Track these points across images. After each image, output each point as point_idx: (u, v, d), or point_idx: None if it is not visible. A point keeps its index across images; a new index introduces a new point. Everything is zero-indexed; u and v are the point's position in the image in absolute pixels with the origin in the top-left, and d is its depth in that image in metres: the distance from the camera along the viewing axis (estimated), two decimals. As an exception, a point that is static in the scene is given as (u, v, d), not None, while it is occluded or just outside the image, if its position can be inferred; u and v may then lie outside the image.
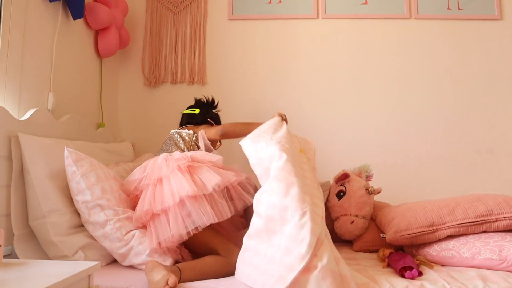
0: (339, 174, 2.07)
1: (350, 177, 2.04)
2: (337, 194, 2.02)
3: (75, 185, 1.61)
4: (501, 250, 1.50)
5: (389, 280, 1.38)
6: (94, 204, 1.60)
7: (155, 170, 1.69)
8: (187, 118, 2.17)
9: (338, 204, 2.00)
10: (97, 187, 1.63)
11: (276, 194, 1.40)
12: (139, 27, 2.78)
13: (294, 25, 2.73)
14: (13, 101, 1.74)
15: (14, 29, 1.73)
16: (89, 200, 1.60)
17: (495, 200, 1.69)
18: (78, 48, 2.26)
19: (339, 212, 1.99)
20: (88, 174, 1.63)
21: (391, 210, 1.88)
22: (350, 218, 1.95)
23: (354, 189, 1.99)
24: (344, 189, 2.01)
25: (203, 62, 2.73)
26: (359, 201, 1.97)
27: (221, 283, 1.39)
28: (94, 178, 1.64)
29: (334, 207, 2.03)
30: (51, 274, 1.11)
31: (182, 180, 1.59)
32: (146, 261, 1.55)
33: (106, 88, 2.57)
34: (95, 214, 1.60)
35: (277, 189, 1.41)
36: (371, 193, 2.00)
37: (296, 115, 2.69)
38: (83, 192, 1.60)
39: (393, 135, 2.64)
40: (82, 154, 1.68)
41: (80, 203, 1.61)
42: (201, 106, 2.21)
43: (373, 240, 1.95)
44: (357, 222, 1.94)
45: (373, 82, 2.68)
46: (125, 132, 2.74)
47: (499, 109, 2.62)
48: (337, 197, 2.02)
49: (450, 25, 2.67)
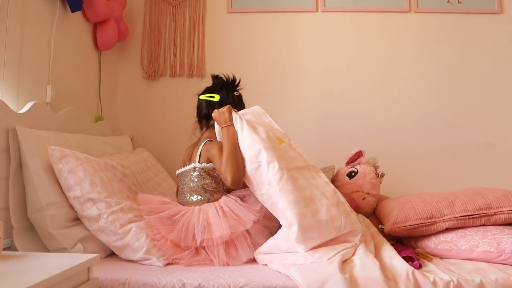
0: (352, 153, 2.09)
1: (362, 156, 2.06)
2: (348, 175, 2.03)
3: (64, 182, 1.60)
4: (499, 243, 1.50)
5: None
6: (85, 199, 1.59)
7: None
8: (206, 108, 1.90)
9: (349, 182, 2.01)
10: (86, 181, 1.60)
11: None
12: (138, 20, 2.77)
13: (294, 18, 2.72)
14: (11, 94, 1.73)
15: (12, 22, 1.72)
16: (79, 195, 1.58)
17: (494, 194, 1.69)
18: (76, 41, 2.25)
19: (350, 189, 1.99)
20: (75, 169, 1.60)
21: (390, 201, 1.88)
22: (362, 194, 1.96)
23: (366, 171, 2.01)
24: (356, 170, 2.02)
25: (202, 55, 2.72)
26: (371, 181, 1.99)
27: (221, 275, 1.40)
28: (81, 173, 1.61)
29: (345, 185, 2.02)
30: (51, 266, 1.11)
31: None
32: (144, 258, 1.54)
33: (105, 81, 2.57)
34: (88, 208, 1.59)
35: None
36: (381, 176, 2.04)
37: (295, 108, 2.69)
38: (73, 188, 1.59)
39: (392, 128, 2.65)
40: (66, 150, 1.64)
41: (72, 199, 1.60)
42: (220, 89, 1.90)
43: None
44: (368, 199, 1.96)
45: (373, 76, 2.67)
46: (124, 125, 2.74)
47: (499, 103, 2.62)
48: (348, 176, 2.03)
49: (450, 19, 2.67)
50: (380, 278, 1.30)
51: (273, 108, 2.69)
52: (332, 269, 1.32)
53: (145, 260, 1.55)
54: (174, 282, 1.35)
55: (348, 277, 1.29)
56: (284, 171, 1.56)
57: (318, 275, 1.31)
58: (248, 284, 1.34)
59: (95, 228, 1.60)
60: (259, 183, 1.60)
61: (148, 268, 1.49)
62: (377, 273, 1.32)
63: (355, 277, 1.31)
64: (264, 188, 1.58)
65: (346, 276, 1.29)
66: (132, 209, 1.66)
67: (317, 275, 1.31)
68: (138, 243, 1.56)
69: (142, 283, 1.36)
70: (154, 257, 1.54)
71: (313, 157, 2.61)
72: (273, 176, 1.54)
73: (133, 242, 1.56)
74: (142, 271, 1.45)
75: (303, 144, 2.65)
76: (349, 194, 1.96)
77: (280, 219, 1.54)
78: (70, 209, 1.62)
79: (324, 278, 1.29)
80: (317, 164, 2.38)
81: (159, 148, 2.65)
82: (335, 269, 1.31)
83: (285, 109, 2.69)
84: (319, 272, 1.33)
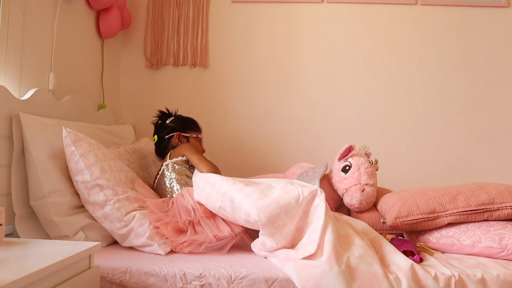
0: (343, 149, 2.08)
1: (353, 150, 2.05)
2: (343, 170, 2.03)
3: (74, 165, 1.61)
4: (501, 238, 1.50)
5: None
6: (93, 184, 1.60)
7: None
8: (159, 148, 2.14)
9: (345, 176, 2.00)
10: (96, 167, 1.62)
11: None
12: (141, 8, 2.75)
13: (299, 8, 2.69)
14: (13, 81, 1.72)
15: (15, 8, 1.70)
16: (88, 179, 1.60)
17: (498, 189, 1.68)
18: (79, 28, 2.23)
19: (348, 184, 1.99)
20: (87, 154, 1.63)
21: (393, 195, 1.87)
22: (361, 186, 1.96)
23: (359, 162, 2.00)
24: (350, 164, 2.01)
25: (206, 44, 2.70)
26: (367, 171, 1.98)
27: (222, 265, 1.40)
28: (93, 158, 1.63)
29: (342, 180, 2.01)
30: (52, 253, 1.11)
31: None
32: (146, 243, 1.55)
33: (108, 69, 2.55)
34: (95, 194, 1.60)
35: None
36: (375, 163, 2.04)
37: (299, 99, 2.68)
38: (82, 171, 1.60)
39: (395, 122, 2.63)
40: (80, 134, 1.67)
41: (80, 183, 1.61)
42: (156, 130, 2.15)
43: (374, 225, 1.95)
44: (367, 190, 1.95)
45: (377, 68, 2.65)
46: (126, 114, 2.73)
47: (503, 98, 2.60)
48: (343, 172, 2.02)
49: (457, 12, 2.63)
50: (380, 273, 1.29)
51: (275, 100, 2.69)
52: (326, 264, 1.30)
53: (147, 246, 1.56)
54: (175, 271, 1.36)
55: (344, 269, 1.28)
56: (235, 180, 1.63)
57: (313, 272, 1.29)
58: (249, 275, 1.34)
59: (99, 215, 1.61)
60: (215, 200, 1.59)
61: (149, 257, 1.49)
62: (377, 267, 1.32)
63: (353, 269, 1.30)
64: (218, 202, 1.57)
65: (342, 269, 1.28)
66: (137, 200, 1.69)
67: (312, 271, 1.30)
68: (142, 228, 1.58)
69: (144, 271, 1.37)
70: (156, 244, 1.55)
71: (315, 150, 2.63)
72: (225, 184, 1.59)
73: (136, 227, 1.58)
74: (144, 259, 1.45)
75: (306, 138, 2.67)
76: (346, 189, 1.97)
77: (240, 217, 1.52)
78: (72, 197, 1.63)
79: (319, 276, 1.27)
80: (317, 158, 2.39)
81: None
82: (330, 263, 1.29)
83: (288, 101, 2.68)
84: (313, 267, 1.31)
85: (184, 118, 2.17)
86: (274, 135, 2.68)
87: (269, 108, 2.69)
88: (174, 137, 2.07)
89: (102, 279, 1.35)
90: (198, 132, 2.15)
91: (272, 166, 2.59)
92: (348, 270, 1.29)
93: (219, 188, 1.59)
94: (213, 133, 2.66)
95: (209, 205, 1.62)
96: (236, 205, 1.51)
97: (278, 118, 2.68)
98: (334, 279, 1.26)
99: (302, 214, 1.45)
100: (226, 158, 2.65)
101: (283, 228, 1.43)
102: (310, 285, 1.27)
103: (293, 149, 2.65)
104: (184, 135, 2.09)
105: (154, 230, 1.59)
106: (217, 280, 1.33)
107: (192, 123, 2.16)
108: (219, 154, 2.62)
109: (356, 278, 1.28)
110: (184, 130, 2.10)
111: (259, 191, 1.51)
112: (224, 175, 1.78)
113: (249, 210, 1.46)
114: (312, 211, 1.46)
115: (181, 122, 2.13)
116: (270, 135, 2.68)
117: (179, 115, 2.20)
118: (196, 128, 2.16)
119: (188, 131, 2.11)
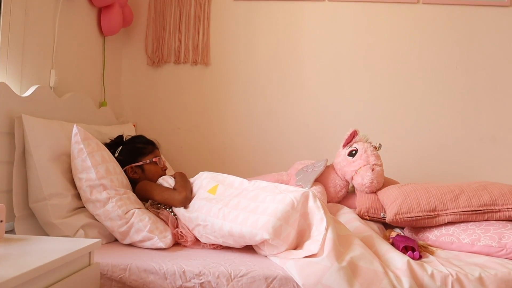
0: (347, 134, 2.14)
1: (357, 135, 2.12)
2: (349, 154, 2.07)
3: (80, 163, 1.62)
4: (501, 237, 1.50)
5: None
6: (97, 183, 1.61)
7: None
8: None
9: (353, 160, 2.05)
10: (102, 166, 1.65)
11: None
12: (143, 6, 2.74)
13: (300, 7, 2.68)
14: (15, 78, 1.72)
15: (16, 5, 1.71)
16: (93, 178, 1.61)
17: (501, 191, 1.66)
18: (80, 26, 2.23)
19: (357, 165, 2.02)
20: (95, 153, 1.66)
21: (395, 189, 1.86)
22: (371, 166, 2.00)
23: (365, 146, 2.08)
24: (356, 149, 2.07)
25: (207, 42, 2.70)
26: (373, 153, 2.06)
27: (222, 262, 1.40)
28: (99, 158, 1.66)
29: (350, 164, 2.04)
30: (52, 250, 1.12)
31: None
32: (147, 237, 1.57)
33: (109, 66, 2.55)
34: (98, 193, 1.61)
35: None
36: (379, 147, 2.12)
37: (300, 97, 2.68)
38: (88, 170, 1.61)
39: (397, 121, 2.63)
40: (89, 133, 1.70)
41: (83, 181, 1.61)
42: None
43: (375, 208, 1.95)
44: (377, 169, 2.00)
45: (379, 67, 2.65)
46: (127, 111, 2.73)
47: (505, 98, 2.59)
48: (350, 156, 2.05)
49: (459, 11, 2.62)
50: (380, 271, 1.30)
51: (276, 98, 2.69)
52: (327, 260, 1.29)
53: (148, 240, 1.57)
54: (174, 269, 1.36)
55: (345, 266, 1.28)
56: (215, 194, 1.67)
57: (314, 269, 1.29)
58: (249, 273, 1.34)
59: (100, 213, 1.61)
60: (215, 240, 1.57)
61: (149, 254, 1.50)
62: (377, 265, 1.32)
63: (356, 265, 1.30)
64: (219, 240, 1.55)
65: (343, 265, 1.28)
66: (137, 202, 1.72)
67: (313, 268, 1.29)
68: (142, 223, 1.59)
69: (143, 269, 1.37)
70: (156, 237, 1.57)
71: (317, 147, 2.63)
72: (216, 219, 1.53)
73: (137, 222, 1.60)
74: (143, 257, 1.45)
75: (307, 136, 2.67)
76: (356, 171, 2.02)
77: (245, 243, 1.50)
78: (72, 200, 1.63)
79: (321, 272, 1.27)
80: (318, 156, 2.39)
81: (162, 135, 2.63)
82: (330, 259, 1.29)
83: (289, 99, 2.68)
84: (314, 264, 1.31)
85: (131, 145, 1.93)
86: (275, 133, 2.68)
87: (270, 106, 2.68)
88: (127, 171, 1.86)
89: (102, 276, 1.35)
90: (152, 155, 1.93)
91: (273, 165, 2.59)
92: (350, 267, 1.29)
93: (212, 226, 1.53)
94: (213, 131, 2.66)
95: (213, 242, 1.60)
96: (237, 236, 1.47)
97: (279, 116, 2.68)
98: (335, 275, 1.26)
99: (300, 217, 1.45)
100: (227, 157, 2.65)
101: (289, 238, 1.42)
102: (311, 281, 1.27)
103: (294, 147, 2.65)
104: (137, 165, 1.89)
105: (154, 225, 1.60)
106: (217, 278, 1.34)
107: (141, 147, 1.93)
108: (219, 152, 2.62)
109: (358, 275, 1.28)
110: (135, 160, 1.89)
111: (252, 212, 1.47)
112: (224, 174, 1.79)
113: (251, 233, 1.42)
114: (309, 212, 1.46)
115: (129, 152, 1.90)
116: (271, 133, 2.68)
117: (128, 140, 1.97)
118: (148, 150, 1.93)
119: (139, 158, 1.89)
